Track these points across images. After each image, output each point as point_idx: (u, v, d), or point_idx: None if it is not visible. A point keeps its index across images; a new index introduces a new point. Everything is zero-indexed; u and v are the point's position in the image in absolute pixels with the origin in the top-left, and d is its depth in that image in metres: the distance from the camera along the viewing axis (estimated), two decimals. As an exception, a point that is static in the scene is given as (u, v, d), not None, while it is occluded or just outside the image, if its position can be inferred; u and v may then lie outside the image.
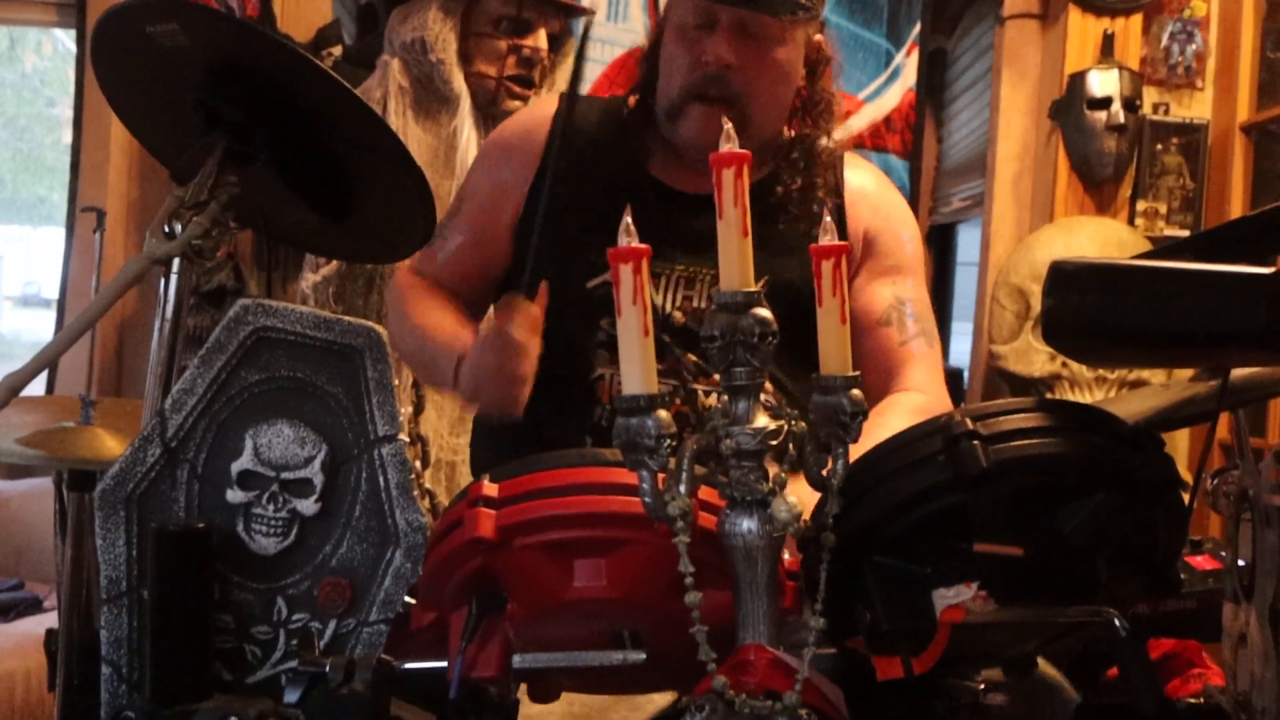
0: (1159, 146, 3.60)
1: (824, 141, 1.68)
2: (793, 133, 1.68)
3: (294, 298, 2.82)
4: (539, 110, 1.74)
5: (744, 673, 0.86)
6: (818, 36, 1.65)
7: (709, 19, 1.56)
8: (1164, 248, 2.59)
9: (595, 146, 1.64)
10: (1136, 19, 3.59)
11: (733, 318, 0.88)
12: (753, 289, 0.88)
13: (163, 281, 1.29)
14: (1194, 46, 3.61)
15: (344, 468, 1.03)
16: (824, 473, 0.93)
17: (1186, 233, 3.57)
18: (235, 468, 1.02)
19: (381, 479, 1.02)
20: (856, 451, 0.95)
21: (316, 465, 1.02)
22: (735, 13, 1.54)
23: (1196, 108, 3.63)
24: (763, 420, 0.88)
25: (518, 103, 2.69)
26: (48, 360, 1.12)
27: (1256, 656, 0.92)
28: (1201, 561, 1.17)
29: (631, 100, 1.71)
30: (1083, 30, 3.58)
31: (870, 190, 1.72)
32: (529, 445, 1.05)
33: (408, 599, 1.03)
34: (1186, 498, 1.04)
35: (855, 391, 0.89)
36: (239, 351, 1.03)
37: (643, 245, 0.86)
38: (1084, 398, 3.23)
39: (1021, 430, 0.98)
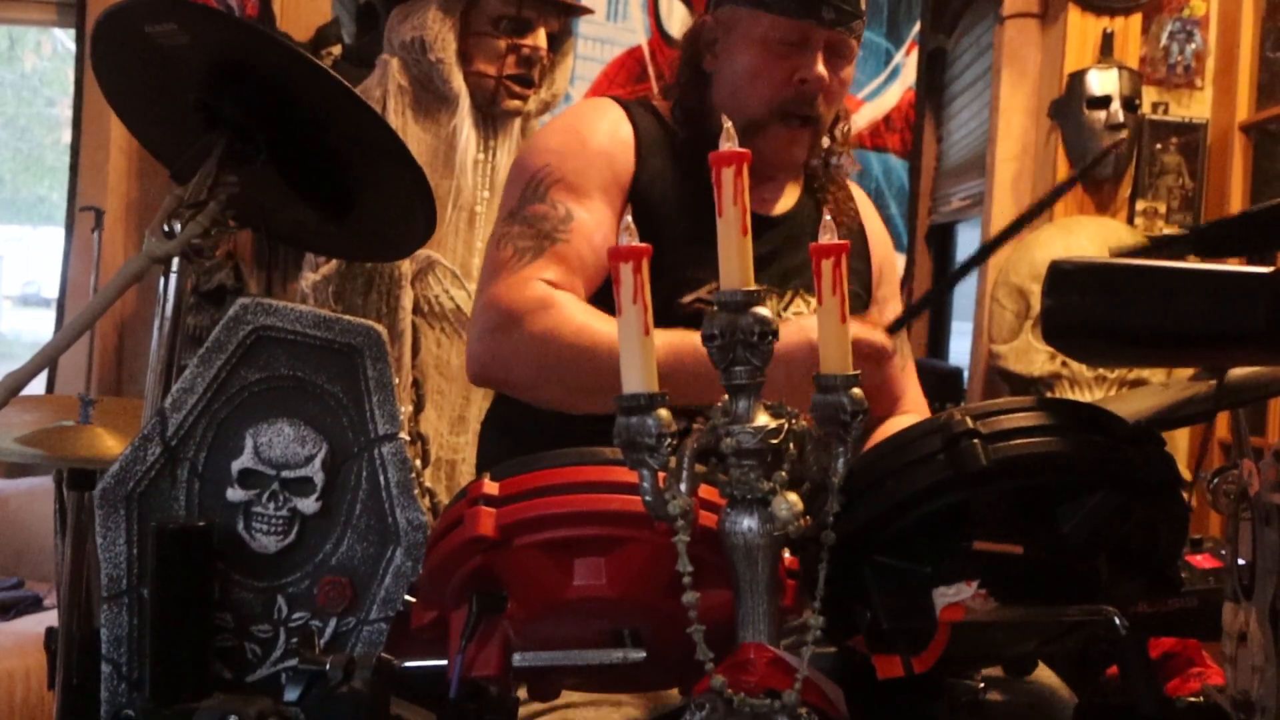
0: (1158, 146, 3.60)
1: (837, 154, 1.73)
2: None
3: (294, 297, 2.82)
4: (606, 113, 1.63)
5: (744, 671, 0.86)
6: None
7: (803, 37, 1.56)
8: (1162, 239, 2.59)
9: (673, 159, 1.61)
10: (1136, 18, 3.60)
11: (732, 317, 0.88)
12: (753, 288, 0.88)
13: (162, 280, 1.29)
14: (1193, 46, 3.61)
15: (344, 466, 1.03)
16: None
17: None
18: (235, 466, 1.02)
19: (382, 478, 1.02)
20: None
21: (317, 464, 1.02)
22: (830, 33, 1.56)
23: (1196, 107, 3.63)
24: (763, 419, 0.88)
25: (517, 102, 2.69)
26: (48, 359, 1.13)
27: (1256, 655, 0.92)
28: (1201, 560, 1.17)
29: (660, 105, 1.68)
30: (1082, 29, 3.58)
31: (871, 212, 1.83)
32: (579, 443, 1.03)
33: (408, 598, 1.03)
34: (1187, 497, 1.04)
35: (855, 390, 0.89)
36: (239, 350, 1.03)
37: (643, 244, 0.86)
38: (1084, 397, 3.23)
39: (1021, 429, 0.98)
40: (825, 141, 1.69)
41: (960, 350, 4.21)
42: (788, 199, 1.70)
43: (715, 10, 1.63)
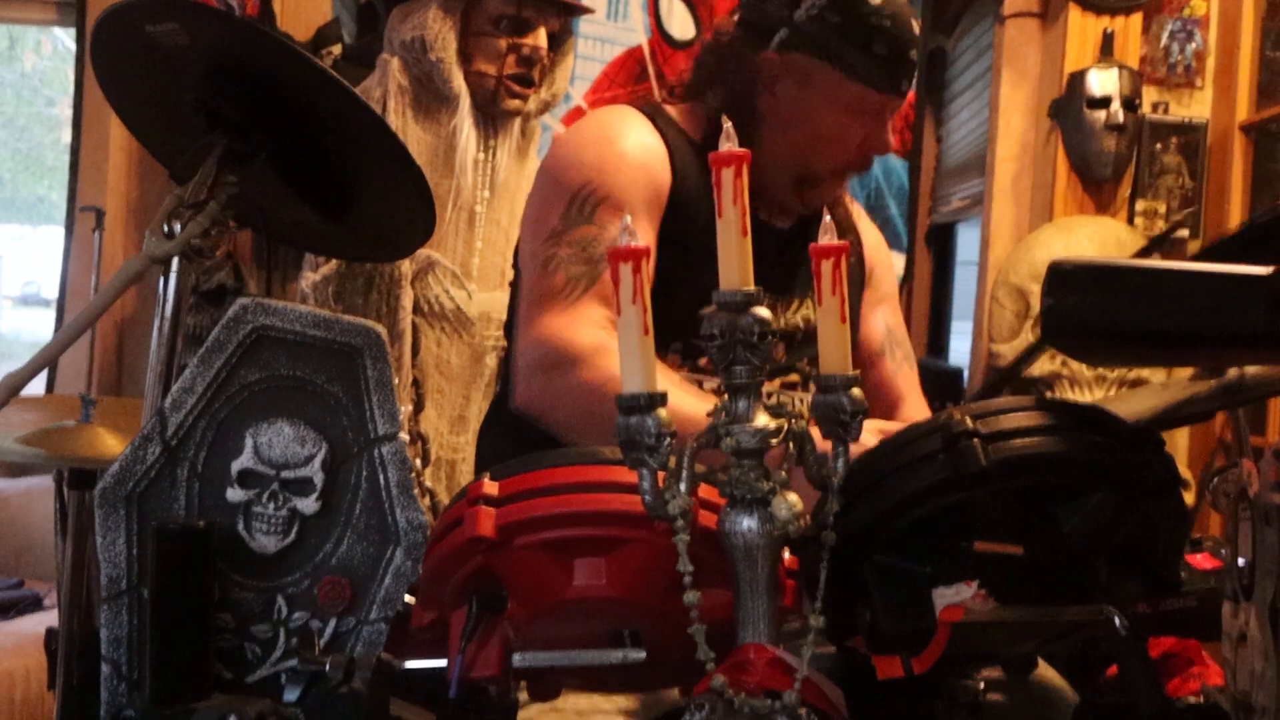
0: (1158, 146, 3.60)
1: None
2: None
3: (293, 297, 2.82)
4: (635, 123, 1.61)
5: (744, 672, 0.86)
6: None
7: (882, 107, 1.58)
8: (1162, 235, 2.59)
9: (700, 170, 1.59)
10: (1136, 18, 3.60)
11: (732, 316, 0.88)
12: (752, 288, 0.88)
13: (162, 280, 1.29)
14: (1194, 45, 3.61)
15: (344, 466, 1.03)
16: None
17: (1186, 232, 3.57)
18: (235, 466, 1.02)
19: (382, 478, 1.02)
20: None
21: (316, 464, 1.02)
22: (896, 101, 1.59)
23: (1196, 107, 3.63)
24: (763, 419, 0.88)
25: (517, 101, 2.69)
26: (48, 359, 1.13)
27: (1256, 655, 0.92)
28: (1201, 560, 1.17)
29: (671, 110, 1.66)
30: (1082, 29, 3.58)
31: (863, 217, 1.84)
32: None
33: (408, 598, 1.03)
34: (1188, 497, 1.05)
35: (855, 390, 0.89)
36: (238, 350, 1.03)
37: (642, 246, 0.86)
38: (1084, 397, 3.23)
39: (1021, 429, 0.98)
40: None
41: (960, 350, 4.21)
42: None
43: (783, 51, 1.57)
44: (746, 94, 1.61)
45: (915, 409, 1.75)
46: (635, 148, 1.57)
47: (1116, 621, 0.96)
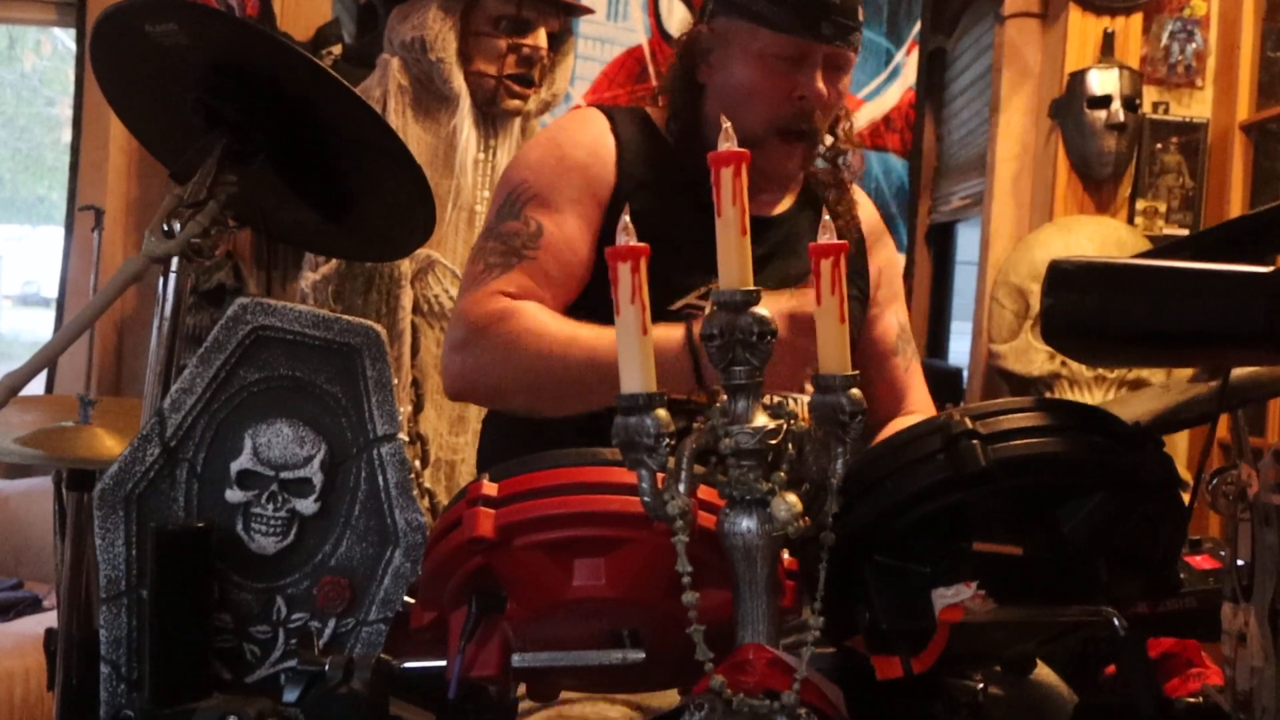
0: (1159, 145, 3.60)
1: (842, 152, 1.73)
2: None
3: (293, 296, 2.82)
4: (589, 125, 1.63)
5: (743, 672, 0.86)
6: None
7: (802, 53, 1.55)
8: (1163, 247, 2.59)
9: (661, 168, 1.59)
10: (1137, 18, 3.60)
11: (732, 316, 0.88)
12: (751, 288, 0.88)
13: (162, 280, 1.29)
14: (1194, 45, 3.61)
15: (343, 467, 1.03)
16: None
17: (1186, 232, 3.57)
18: (234, 467, 1.02)
19: (381, 478, 1.02)
20: None
21: (316, 465, 1.02)
22: (829, 48, 1.56)
23: (1196, 107, 3.63)
24: (762, 419, 0.88)
25: (517, 101, 2.69)
26: (47, 359, 1.13)
27: (1255, 656, 0.92)
28: (1201, 561, 1.17)
29: (654, 113, 1.67)
30: (1083, 29, 3.58)
31: (871, 212, 1.82)
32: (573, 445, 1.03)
33: (407, 598, 1.03)
34: (1186, 498, 1.04)
35: (854, 391, 0.89)
36: (238, 350, 1.03)
37: (641, 244, 0.86)
38: (1084, 397, 3.23)
39: (1021, 430, 0.98)
40: (828, 140, 1.68)
41: (960, 350, 4.21)
42: (784, 203, 1.70)
43: (711, 20, 1.61)
44: (689, 72, 1.64)
45: (921, 402, 1.76)
46: (578, 148, 1.59)
47: (1116, 621, 0.96)
